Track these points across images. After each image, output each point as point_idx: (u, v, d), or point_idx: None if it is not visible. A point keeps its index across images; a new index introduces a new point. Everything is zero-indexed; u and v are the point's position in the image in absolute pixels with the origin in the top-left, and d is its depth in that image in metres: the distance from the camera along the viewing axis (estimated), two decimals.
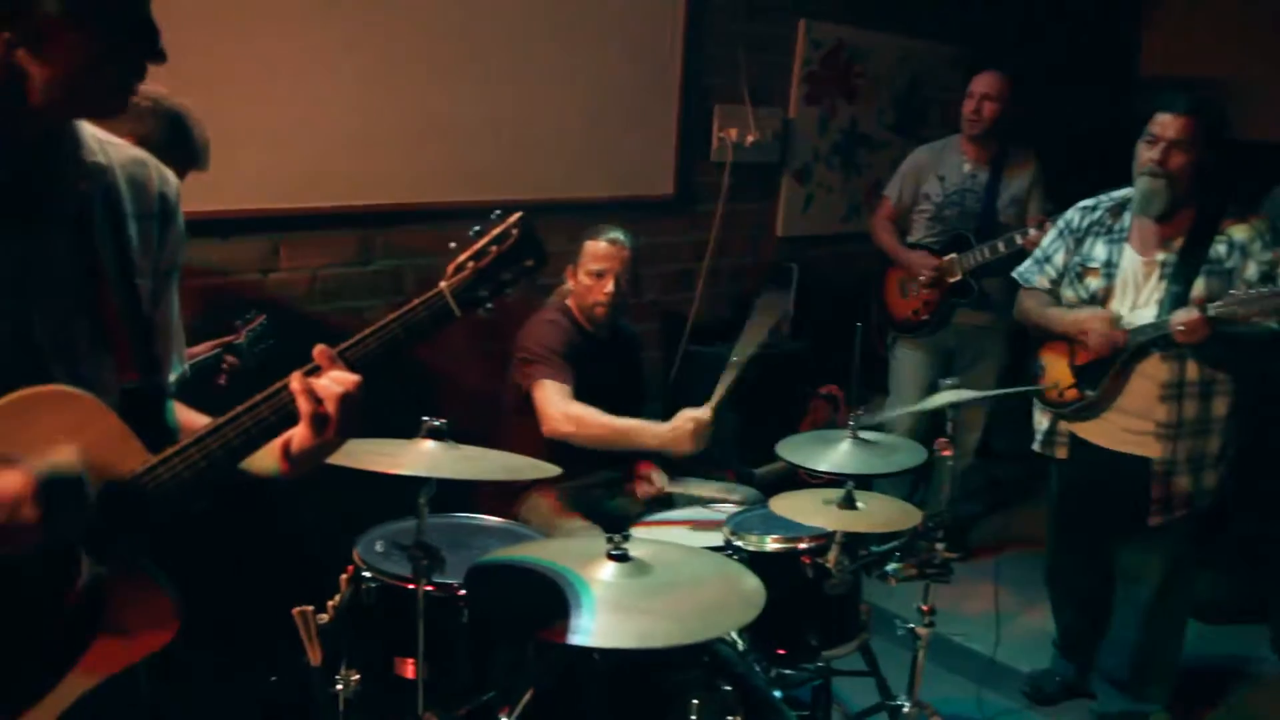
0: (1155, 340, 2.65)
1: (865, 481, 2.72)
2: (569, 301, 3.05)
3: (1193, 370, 2.67)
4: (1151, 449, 2.72)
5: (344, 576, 2.36)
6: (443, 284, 1.42)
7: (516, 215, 1.50)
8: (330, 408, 1.27)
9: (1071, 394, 2.78)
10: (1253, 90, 5.61)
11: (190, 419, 1.49)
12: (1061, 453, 2.90)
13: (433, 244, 3.31)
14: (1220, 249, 2.65)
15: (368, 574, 2.29)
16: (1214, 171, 2.66)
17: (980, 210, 3.86)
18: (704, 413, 2.72)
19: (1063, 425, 2.88)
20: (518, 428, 2.87)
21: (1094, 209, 2.89)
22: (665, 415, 3.61)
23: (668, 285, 4.08)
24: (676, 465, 3.11)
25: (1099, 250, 2.81)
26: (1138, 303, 2.74)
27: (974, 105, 3.84)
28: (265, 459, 1.35)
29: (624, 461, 3.04)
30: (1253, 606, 3.62)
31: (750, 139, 4.11)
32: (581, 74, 3.54)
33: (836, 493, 2.23)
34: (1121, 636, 2.96)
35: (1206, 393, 2.69)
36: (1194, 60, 5.84)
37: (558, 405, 2.77)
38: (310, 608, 2.26)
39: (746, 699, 2.14)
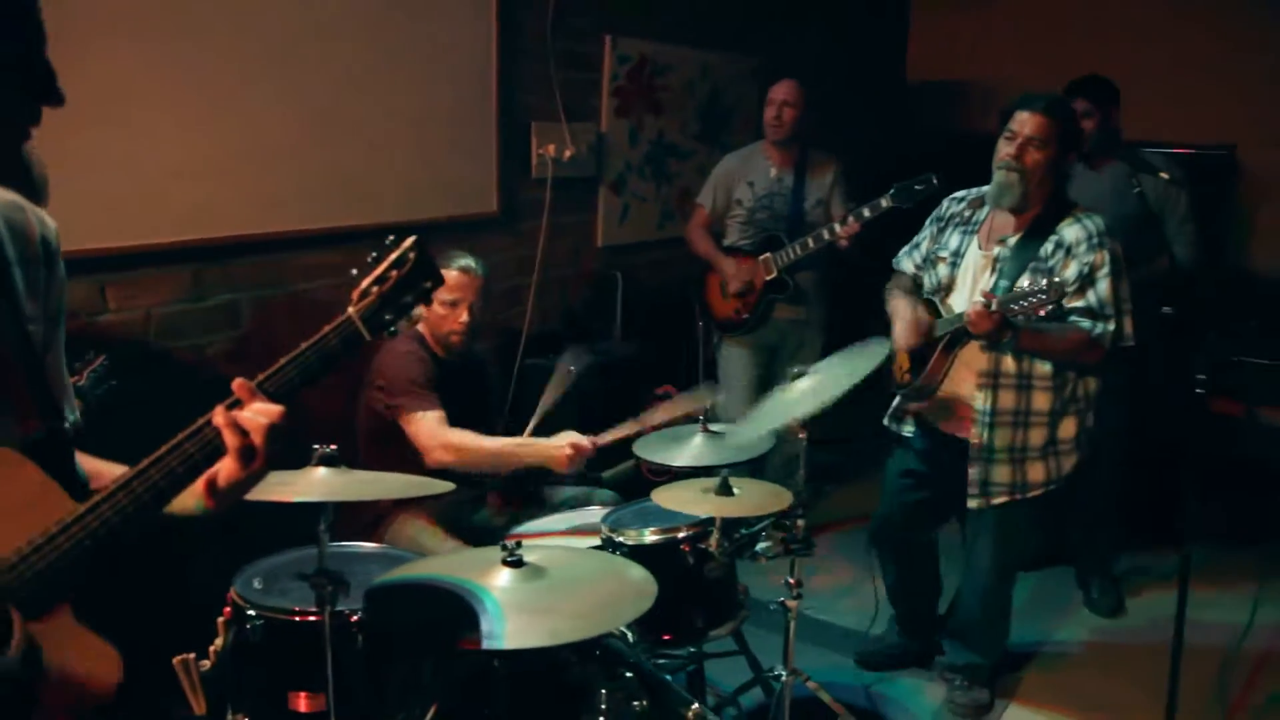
0: (959, 331, 2.79)
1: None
2: (421, 328, 3.05)
3: (1009, 363, 2.79)
4: (970, 433, 2.86)
5: (221, 619, 2.32)
6: (350, 310, 1.46)
7: (411, 239, 1.56)
8: (258, 439, 1.30)
9: (906, 377, 2.96)
10: (1009, 90, 6.20)
11: (97, 467, 1.46)
12: (907, 430, 3.08)
13: (268, 275, 3.27)
14: (1048, 246, 2.76)
15: (252, 612, 2.25)
16: (1064, 171, 2.83)
17: (789, 212, 4.12)
18: (586, 441, 2.83)
19: (908, 408, 3.05)
20: (376, 454, 2.86)
21: (961, 200, 3.03)
22: (508, 430, 3.70)
23: (498, 302, 4.14)
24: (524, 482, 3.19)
25: (953, 240, 2.95)
26: (974, 293, 2.85)
27: (775, 111, 4.09)
28: (188, 498, 1.36)
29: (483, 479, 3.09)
30: (1058, 551, 4.01)
31: (567, 154, 4.22)
32: (407, 99, 3.56)
33: (713, 481, 2.37)
34: (959, 601, 3.20)
35: (1024, 385, 2.80)
36: (955, 66, 6.39)
37: (435, 436, 2.78)
38: (192, 655, 2.20)
39: (645, 684, 2.26)
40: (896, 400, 3.08)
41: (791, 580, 2.65)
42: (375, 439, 2.91)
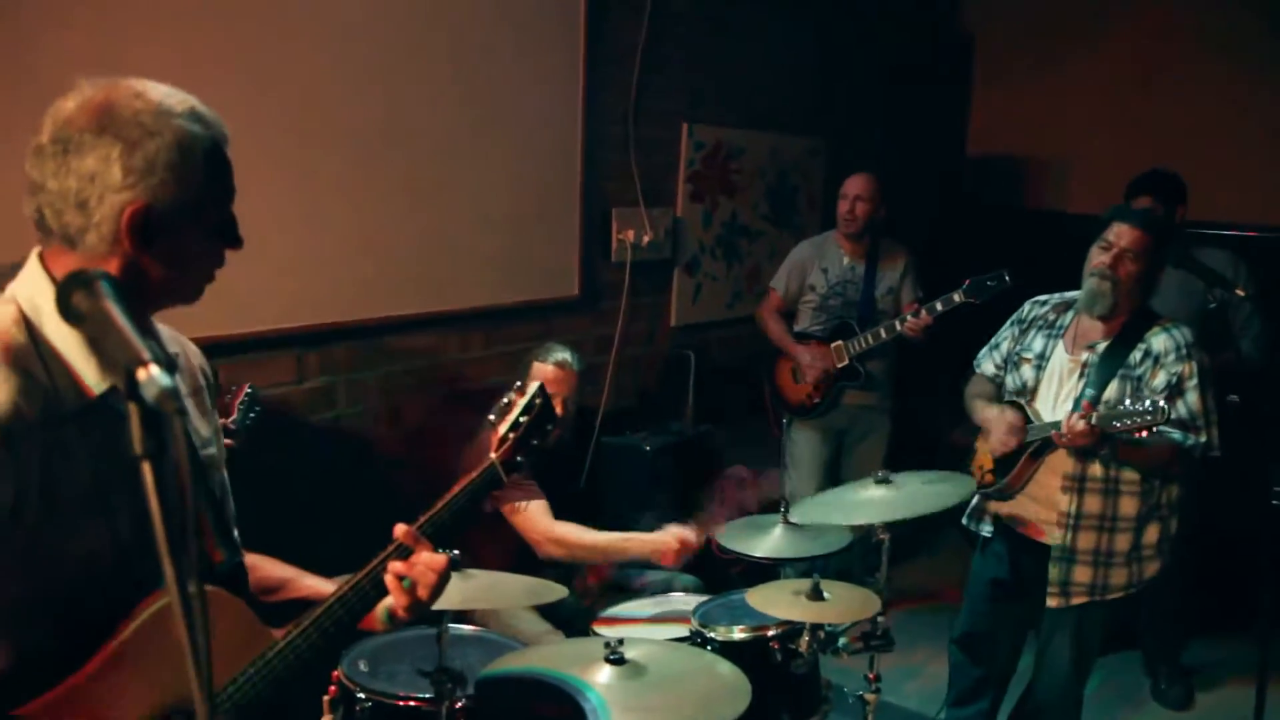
0: (1049, 442, 2.84)
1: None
2: None
3: (1096, 468, 2.81)
4: (1053, 536, 2.89)
5: (327, 698, 2.43)
6: (492, 455, 1.63)
7: (536, 386, 1.72)
8: (424, 594, 1.44)
9: (989, 478, 3.01)
10: (1071, 165, 6.29)
11: (262, 574, 1.60)
12: (985, 530, 3.13)
13: (362, 358, 3.43)
14: (1137, 355, 2.81)
15: (361, 695, 2.36)
16: (1153, 285, 2.89)
17: (860, 299, 4.22)
18: (693, 534, 2.89)
19: (989, 506, 3.10)
20: (478, 539, 2.98)
21: (1044, 303, 3.08)
22: (585, 507, 3.81)
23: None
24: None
25: (1037, 343, 3.00)
26: (1059, 398, 2.90)
27: (848, 206, 4.20)
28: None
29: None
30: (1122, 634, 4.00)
31: (646, 239, 4.37)
32: (495, 189, 3.72)
33: (805, 584, 2.46)
34: (1032, 693, 3.21)
35: (1111, 490, 2.83)
36: (1017, 140, 6.49)
37: (542, 529, 2.90)
38: None
39: None
40: (975, 499, 3.13)
41: (870, 675, 2.73)
42: (479, 530, 3.02)
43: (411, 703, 2.32)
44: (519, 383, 3.12)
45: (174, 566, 0.86)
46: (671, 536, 2.89)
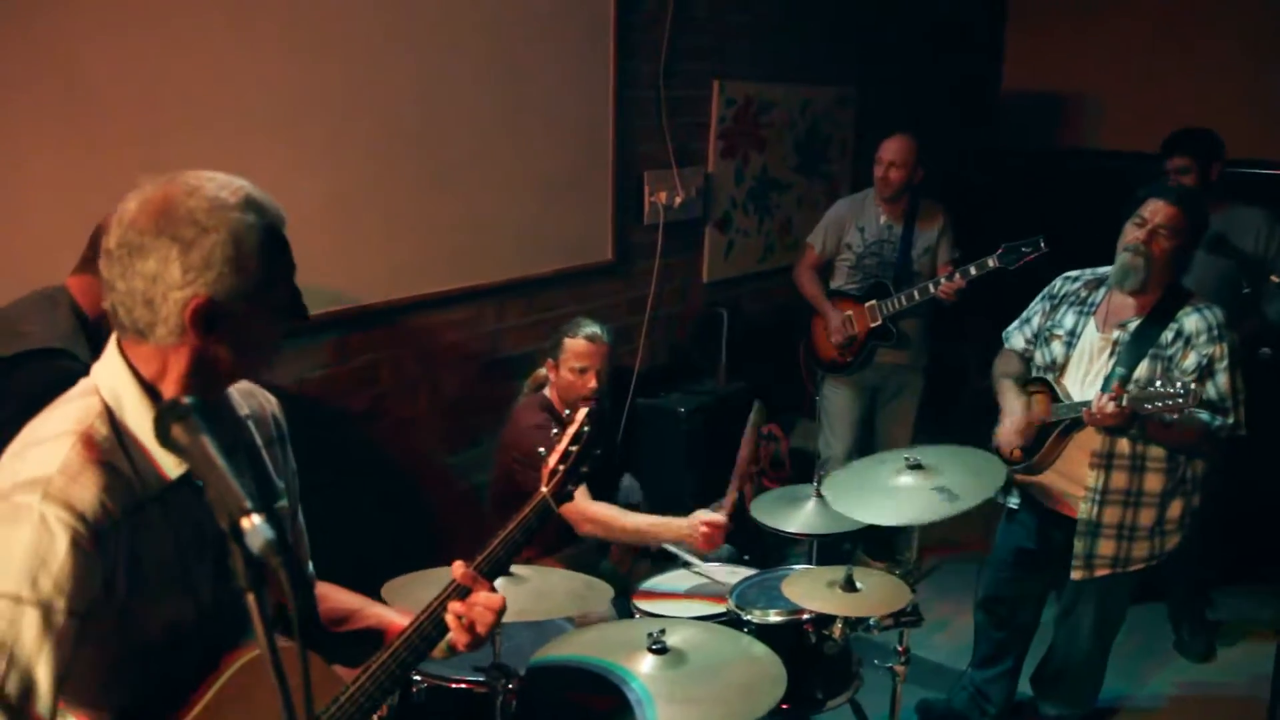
0: (1076, 420, 2.87)
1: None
2: (549, 393, 3.27)
3: (1124, 444, 2.86)
4: (1079, 510, 2.95)
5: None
6: (544, 489, 1.72)
7: (584, 412, 1.78)
8: (482, 630, 1.55)
9: (1017, 455, 3.07)
10: (1104, 103, 6.22)
11: (331, 604, 1.71)
12: (1013, 502, 3.20)
13: (402, 336, 3.52)
14: (1168, 335, 2.83)
15: (417, 676, 2.51)
16: (1186, 262, 2.90)
17: (896, 259, 4.25)
18: (720, 517, 2.95)
19: (1016, 478, 3.14)
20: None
21: (1076, 279, 3.09)
22: (618, 468, 3.92)
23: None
24: None
25: (1068, 319, 3.02)
26: (1089, 376, 2.93)
27: (882, 171, 4.19)
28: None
29: None
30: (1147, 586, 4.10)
31: (678, 200, 4.40)
32: (528, 160, 3.76)
33: (838, 574, 2.56)
34: (1054, 657, 3.34)
35: (1138, 466, 2.88)
36: (1050, 77, 6.41)
37: (580, 509, 2.98)
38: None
39: None
40: (1005, 474, 3.19)
41: (900, 649, 2.85)
42: (512, 503, 3.13)
43: (464, 685, 2.46)
44: (550, 360, 3.24)
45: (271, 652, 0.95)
46: (700, 522, 2.95)
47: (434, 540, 3.51)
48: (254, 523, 0.96)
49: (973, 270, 3.93)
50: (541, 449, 1.81)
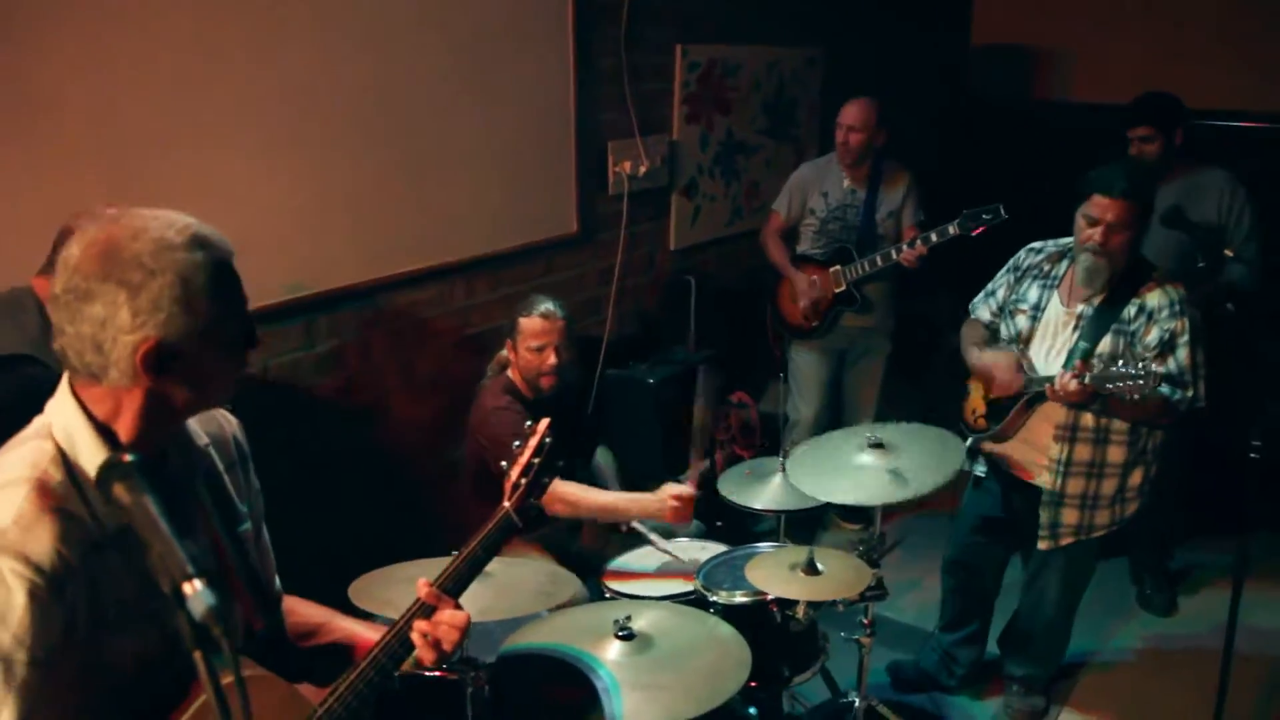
0: (1040, 392, 2.91)
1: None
2: (511, 374, 3.27)
3: (1087, 419, 2.92)
4: (1044, 480, 3.02)
5: None
6: (505, 504, 1.73)
7: (546, 423, 1.79)
8: (448, 647, 1.57)
9: (981, 423, 3.13)
10: (1075, 54, 6.20)
11: (297, 618, 1.73)
12: (979, 469, 3.25)
13: (368, 318, 3.51)
14: (1131, 310, 2.86)
15: None
16: (1143, 237, 2.88)
17: (860, 223, 4.26)
18: (688, 489, 2.97)
19: (982, 446, 3.19)
20: (486, 498, 3.11)
21: (1039, 251, 3.12)
22: (587, 441, 3.95)
23: (579, 313, 4.34)
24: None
25: (1032, 293, 3.05)
26: (1053, 350, 2.97)
27: (843, 136, 4.18)
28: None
29: None
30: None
31: (643, 169, 4.38)
32: (489, 137, 3.73)
33: (800, 556, 2.60)
34: (1020, 620, 3.42)
35: (1100, 439, 2.94)
36: (1023, 28, 6.37)
37: (548, 491, 2.99)
38: None
39: None
40: (969, 440, 3.24)
41: (865, 621, 2.91)
42: (483, 484, 3.15)
43: (437, 674, 2.50)
44: (509, 340, 3.24)
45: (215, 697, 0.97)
46: (669, 497, 2.97)
47: (409, 523, 3.53)
48: (196, 588, 0.98)
49: (934, 237, 3.95)
50: (503, 463, 1.81)
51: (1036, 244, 3.17)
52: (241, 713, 0.99)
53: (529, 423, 1.83)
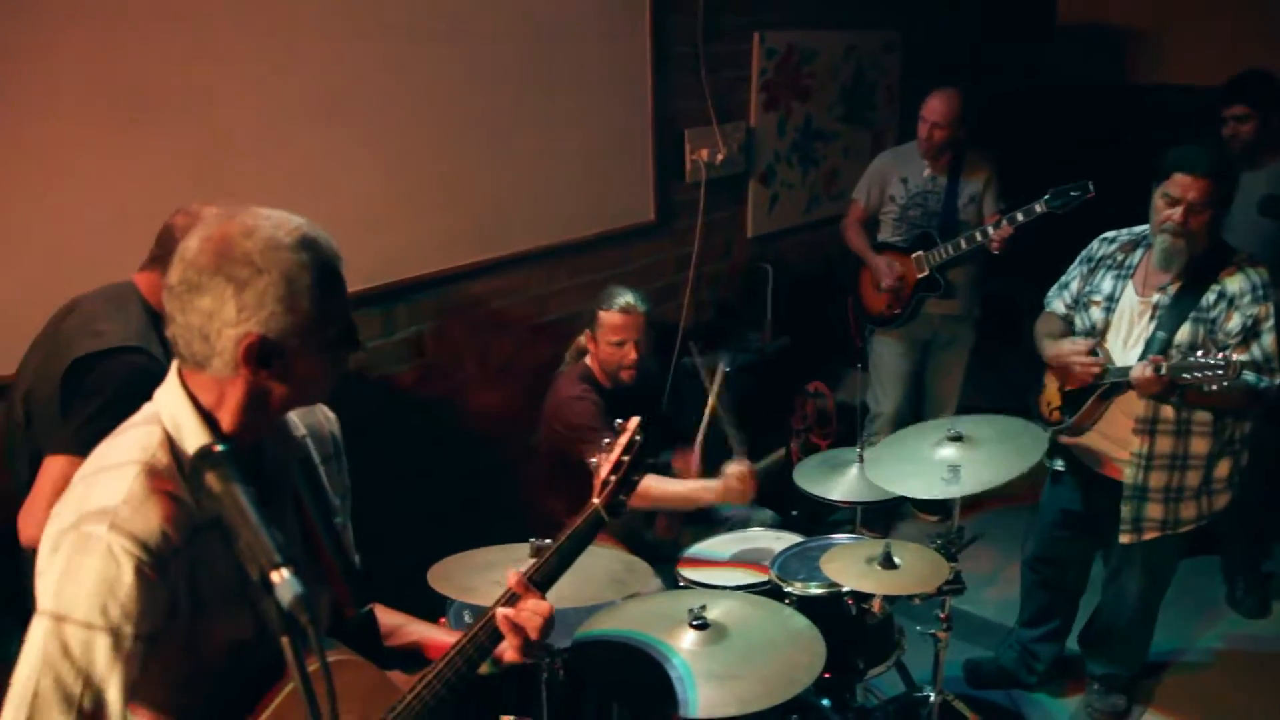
0: (1121, 384, 2.84)
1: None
2: (589, 362, 3.29)
3: (1168, 410, 2.82)
4: (1125, 474, 2.92)
5: None
6: (595, 500, 1.73)
7: (636, 422, 1.79)
8: (533, 635, 1.59)
9: (1056, 416, 3.06)
10: (1165, 37, 6.01)
11: (387, 621, 1.77)
12: (1058, 464, 3.17)
13: (447, 306, 3.56)
14: (1210, 297, 2.76)
15: None
16: (1224, 219, 2.77)
17: (941, 210, 4.18)
18: (741, 466, 2.98)
19: (1060, 439, 3.11)
20: (560, 485, 3.15)
21: (1112, 241, 3.03)
22: (664, 431, 3.94)
23: (655, 300, 4.35)
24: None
25: (1106, 283, 2.96)
26: (1129, 341, 2.89)
27: (925, 130, 4.11)
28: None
29: None
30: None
31: (720, 156, 4.36)
32: (567, 125, 3.74)
33: (877, 549, 2.58)
34: (1101, 617, 3.33)
35: (1183, 430, 2.84)
36: (1112, 7, 6.19)
37: None
38: None
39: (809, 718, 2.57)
40: (1047, 433, 3.17)
41: (942, 615, 2.87)
42: (558, 471, 3.19)
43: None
44: (588, 331, 3.25)
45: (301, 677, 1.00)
46: (731, 476, 2.98)
47: (485, 509, 3.58)
48: (284, 577, 1.01)
49: (1020, 217, 3.86)
50: (593, 460, 1.82)
51: (1110, 234, 3.08)
52: (328, 698, 1.02)
53: (618, 420, 1.83)
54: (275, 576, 1.01)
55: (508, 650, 1.63)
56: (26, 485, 2.10)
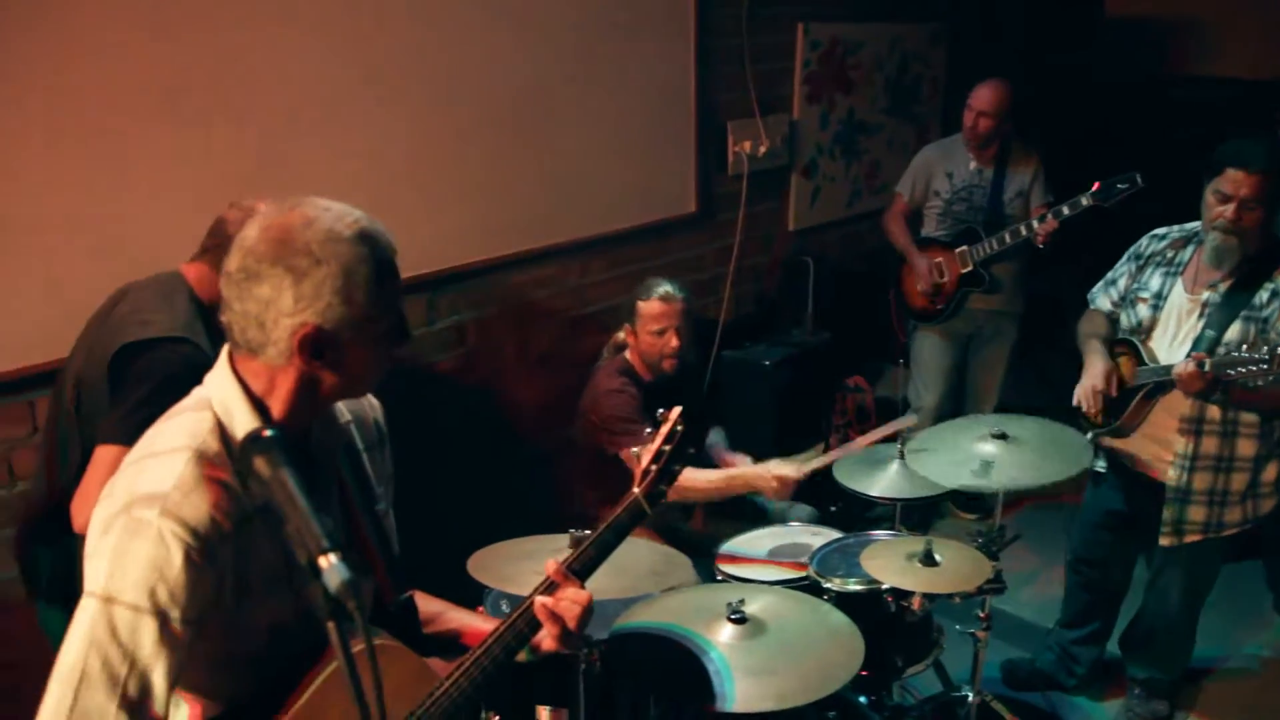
0: (1163, 383, 2.80)
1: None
2: (628, 356, 3.28)
3: (1214, 410, 2.78)
4: (1168, 475, 2.88)
5: None
6: (635, 490, 1.71)
7: (678, 412, 1.77)
8: (572, 625, 1.58)
9: (1100, 418, 3.00)
10: (1215, 28, 5.89)
11: (426, 608, 1.77)
12: (1100, 465, 3.12)
13: (488, 296, 3.57)
14: (1263, 295, 2.72)
15: None
16: (1275, 217, 2.72)
17: (987, 204, 4.13)
18: (792, 474, 2.96)
19: (1102, 440, 3.06)
20: (596, 477, 3.16)
21: (1162, 238, 2.98)
22: (702, 423, 3.92)
23: (696, 293, 4.31)
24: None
25: (1154, 281, 2.91)
26: (1177, 339, 2.84)
27: (972, 119, 4.06)
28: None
29: None
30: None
31: (762, 149, 4.34)
32: (610, 117, 3.74)
33: (918, 546, 2.56)
34: (1143, 620, 3.28)
35: (1229, 432, 2.80)
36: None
37: None
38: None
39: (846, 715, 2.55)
40: (1089, 435, 3.13)
41: (982, 614, 2.85)
42: (596, 463, 3.19)
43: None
44: (626, 325, 3.24)
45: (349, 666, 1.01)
46: (772, 475, 2.97)
47: (524, 499, 3.59)
48: (332, 562, 1.01)
49: (1066, 210, 3.81)
50: (634, 449, 1.81)
51: (1160, 230, 3.03)
52: (374, 683, 1.02)
53: (660, 409, 1.81)
54: (323, 562, 1.02)
55: (546, 639, 1.62)
56: (78, 468, 2.13)
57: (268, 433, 1.16)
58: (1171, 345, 2.87)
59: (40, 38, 2.43)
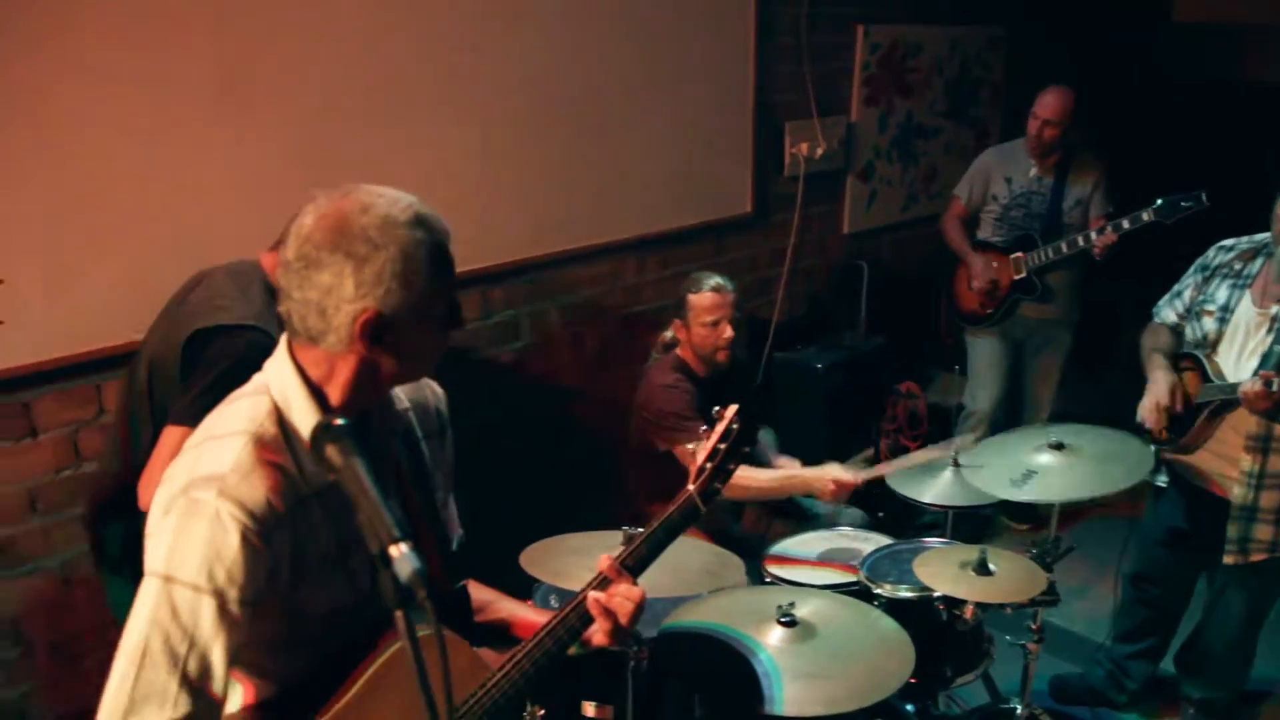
0: (1228, 400, 2.74)
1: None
2: (680, 353, 3.28)
3: None
4: (1233, 493, 2.81)
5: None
6: (690, 487, 1.70)
7: (734, 409, 1.76)
8: (624, 621, 1.58)
9: (1164, 434, 2.94)
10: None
11: (478, 597, 1.78)
12: (1161, 480, 3.06)
13: (542, 291, 3.58)
14: None
15: None
16: None
17: (1045, 212, 4.08)
18: (850, 479, 2.95)
19: (1165, 455, 3.00)
20: (650, 474, 3.17)
21: (1230, 249, 2.92)
22: (755, 422, 3.90)
23: (749, 294, 4.33)
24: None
25: (1221, 293, 2.85)
26: (1244, 353, 2.78)
27: (1036, 127, 4.00)
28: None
29: None
30: None
31: (819, 151, 4.32)
32: (668, 115, 3.74)
33: (972, 554, 2.53)
34: (1201, 639, 3.21)
35: None
36: (1230, 4, 5.95)
37: None
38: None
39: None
40: (1153, 448, 3.07)
41: (1034, 626, 2.81)
42: (649, 460, 3.19)
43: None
44: (677, 320, 3.24)
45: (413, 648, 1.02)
46: (829, 477, 2.96)
47: (577, 495, 3.61)
48: (402, 551, 1.02)
49: (1126, 224, 3.75)
50: (690, 445, 1.81)
51: (1228, 241, 2.95)
52: (441, 672, 1.03)
53: (716, 407, 1.81)
54: (394, 551, 1.03)
55: (597, 634, 1.62)
56: (149, 450, 2.17)
57: (339, 421, 1.17)
58: (1239, 360, 2.80)
59: (135, 40, 2.50)
